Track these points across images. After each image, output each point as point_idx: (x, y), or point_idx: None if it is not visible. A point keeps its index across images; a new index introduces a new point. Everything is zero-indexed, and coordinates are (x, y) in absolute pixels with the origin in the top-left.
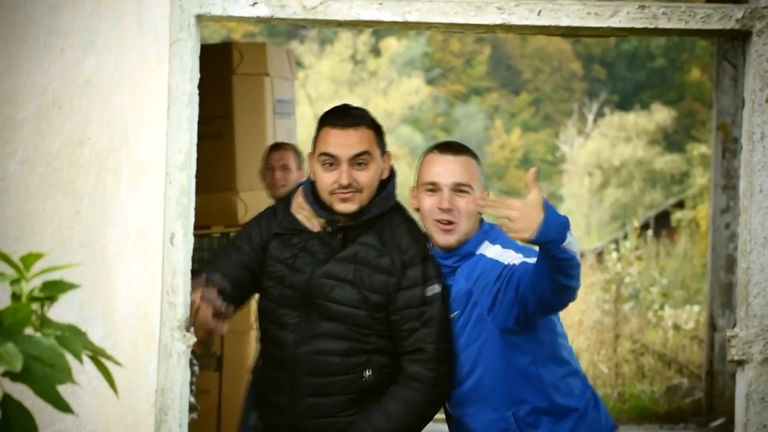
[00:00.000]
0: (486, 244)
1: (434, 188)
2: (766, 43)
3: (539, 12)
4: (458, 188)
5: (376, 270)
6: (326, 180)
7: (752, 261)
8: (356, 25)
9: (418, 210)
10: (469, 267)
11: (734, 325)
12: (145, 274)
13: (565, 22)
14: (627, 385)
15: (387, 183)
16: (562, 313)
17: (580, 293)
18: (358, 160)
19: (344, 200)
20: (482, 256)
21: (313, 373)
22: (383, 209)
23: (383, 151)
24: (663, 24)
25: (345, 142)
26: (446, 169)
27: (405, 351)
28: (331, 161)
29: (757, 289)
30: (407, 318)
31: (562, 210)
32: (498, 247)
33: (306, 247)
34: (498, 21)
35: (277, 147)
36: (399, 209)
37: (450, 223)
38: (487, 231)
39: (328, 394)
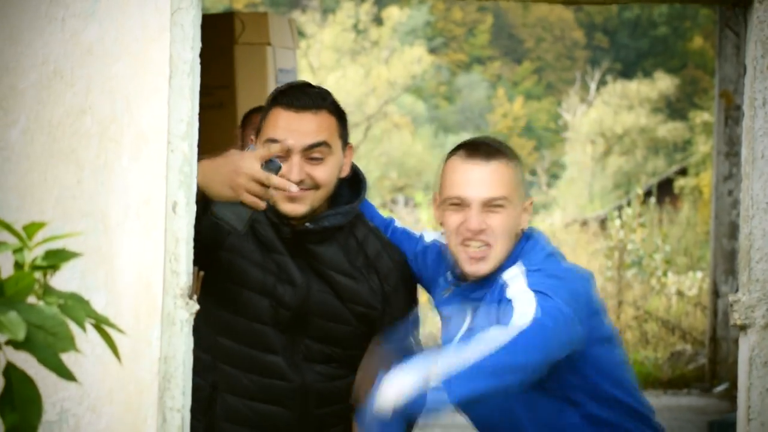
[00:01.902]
0: (514, 268)
1: (461, 204)
2: (767, 9)
3: None
4: (491, 204)
5: (353, 301)
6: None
7: (754, 226)
8: None
9: (441, 224)
10: (487, 309)
11: (737, 291)
12: (147, 243)
13: None
14: (630, 352)
15: (350, 183)
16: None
17: (583, 261)
18: (315, 153)
19: (292, 199)
20: (503, 288)
21: (326, 403)
22: (349, 219)
23: (345, 142)
24: None
25: (299, 127)
26: (475, 180)
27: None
28: (279, 150)
29: (760, 254)
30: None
31: (565, 178)
32: (522, 279)
33: (266, 233)
34: None
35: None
36: (360, 216)
37: (485, 245)
38: (522, 246)
39: (339, 424)
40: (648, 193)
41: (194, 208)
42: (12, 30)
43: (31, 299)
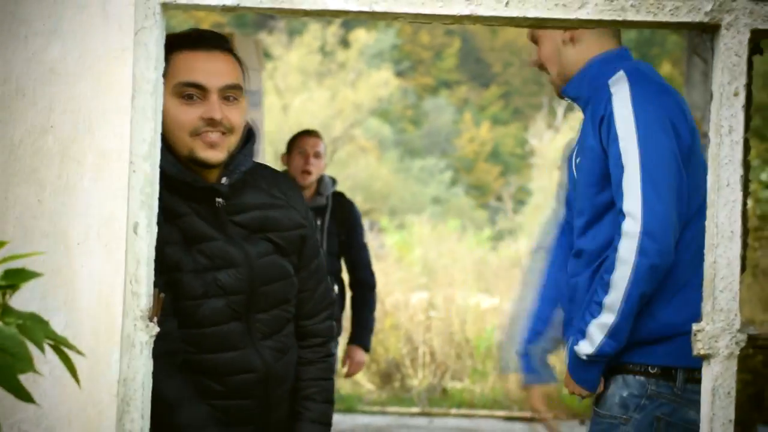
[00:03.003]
0: (620, 75)
1: None
2: (734, 36)
3: (507, 3)
4: None
5: (290, 228)
6: (186, 116)
7: (719, 255)
8: (323, 15)
9: None
10: (593, 108)
11: (700, 320)
12: (108, 264)
13: (532, 13)
14: None
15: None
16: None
17: None
18: (229, 93)
19: (212, 145)
20: (610, 97)
21: (281, 383)
22: (253, 158)
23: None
24: (631, 16)
25: (213, 68)
26: None
27: (309, 312)
28: (193, 92)
29: (724, 284)
30: (313, 271)
31: (531, 204)
32: (627, 96)
33: (193, 221)
34: (465, 12)
35: (310, 133)
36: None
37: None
38: (624, 58)
39: (286, 399)
40: None
41: (155, 229)
42: None
43: None
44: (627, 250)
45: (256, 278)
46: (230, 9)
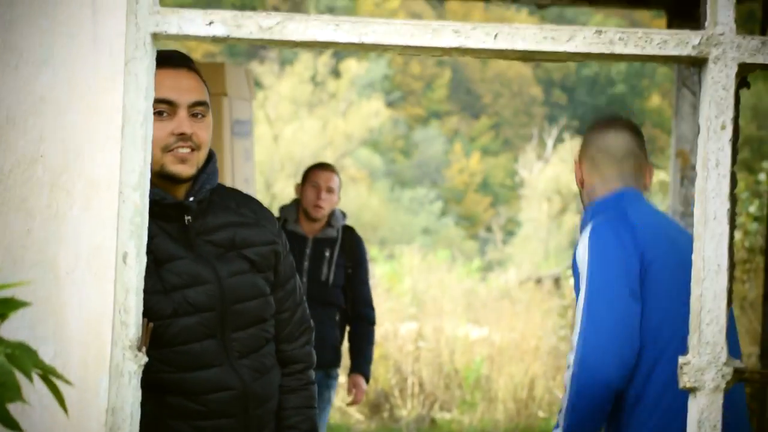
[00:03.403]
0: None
1: None
2: (721, 70)
3: (496, 35)
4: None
5: (261, 244)
6: (158, 132)
7: (705, 288)
8: (313, 46)
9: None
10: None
11: (686, 353)
12: (97, 293)
13: (521, 45)
14: None
15: None
16: (518, 337)
17: (537, 319)
18: (197, 110)
19: (182, 160)
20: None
21: (263, 402)
22: (217, 176)
23: None
24: (619, 49)
25: (181, 85)
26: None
27: (289, 336)
28: (163, 109)
29: (710, 317)
30: (290, 292)
31: (520, 235)
32: (585, 241)
33: (162, 242)
34: (455, 44)
35: (325, 167)
36: None
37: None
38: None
39: (272, 420)
40: None
41: (144, 259)
42: None
43: None
44: (566, 378)
45: (227, 296)
46: (221, 40)
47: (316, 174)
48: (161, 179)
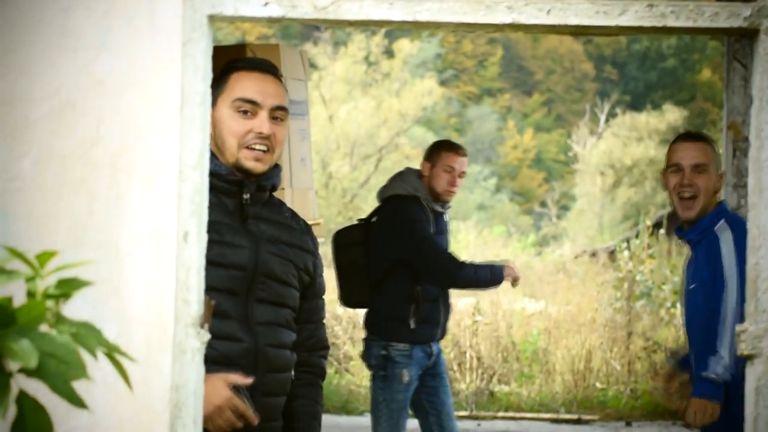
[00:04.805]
0: (722, 224)
1: (677, 169)
2: None
3: (548, 11)
4: (698, 168)
5: (302, 249)
6: (240, 127)
7: (761, 256)
8: (367, 25)
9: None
10: (706, 248)
11: (743, 321)
12: (158, 272)
13: (573, 20)
14: (640, 382)
15: None
16: (574, 310)
17: (592, 292)
18: (278, 114)
19: (257, 158)
20: (717, 240)
21: (274, 369)
22: (278, 182)
23: None
24: (671, 22)
25: (266, 89)
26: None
27: (312, 346)
28: (248, 108)
29: (766, 284)
30: (321, 307)
31: (574, 210)
32: (730, 239)
33: (216, 209)
34: (507, 20)
35: (460, 152)
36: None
37: (692, 198)
38: (725, 211)
39: (281, 394)
40: (657, 225)
41: (205, 237)
42: (24, 61)
43: (44, 328)
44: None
45: (260, 265)
46: (276, 20)
47: (452, 158)
48: (236, 170)
